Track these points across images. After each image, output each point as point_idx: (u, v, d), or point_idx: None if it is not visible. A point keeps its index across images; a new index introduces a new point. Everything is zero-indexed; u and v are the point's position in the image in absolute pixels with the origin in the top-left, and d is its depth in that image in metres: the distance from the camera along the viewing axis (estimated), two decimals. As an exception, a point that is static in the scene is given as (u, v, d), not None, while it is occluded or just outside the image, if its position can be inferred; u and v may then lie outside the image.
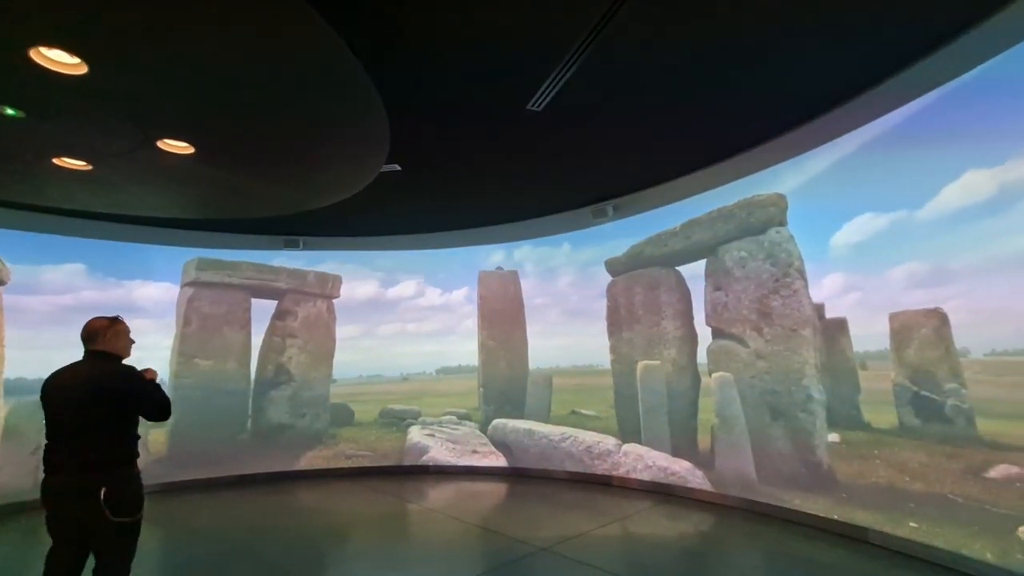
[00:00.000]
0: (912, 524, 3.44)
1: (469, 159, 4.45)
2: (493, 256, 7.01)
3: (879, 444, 3.76)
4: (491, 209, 5.95)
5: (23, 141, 3.08)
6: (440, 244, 6.96)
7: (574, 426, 6.14)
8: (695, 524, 4.42)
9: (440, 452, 6.48)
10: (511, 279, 6.88)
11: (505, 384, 6.66)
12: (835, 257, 4.14)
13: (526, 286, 6.85)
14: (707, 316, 5.07)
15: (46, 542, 2.17)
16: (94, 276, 6.07)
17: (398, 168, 4.44)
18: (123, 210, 4.97)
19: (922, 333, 3.50)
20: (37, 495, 2.18)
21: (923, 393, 3.48)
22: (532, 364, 6.65)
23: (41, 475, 2.16)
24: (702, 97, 3.55)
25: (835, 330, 4.15)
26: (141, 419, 2.30)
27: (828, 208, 4.23)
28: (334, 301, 7.01)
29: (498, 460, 6.35)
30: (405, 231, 6.61)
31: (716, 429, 4.90)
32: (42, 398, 2.22)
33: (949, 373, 3.34)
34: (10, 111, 2.67)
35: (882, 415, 3.74)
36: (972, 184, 3.18)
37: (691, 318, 5.34)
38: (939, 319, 3.40)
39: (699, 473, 5.03)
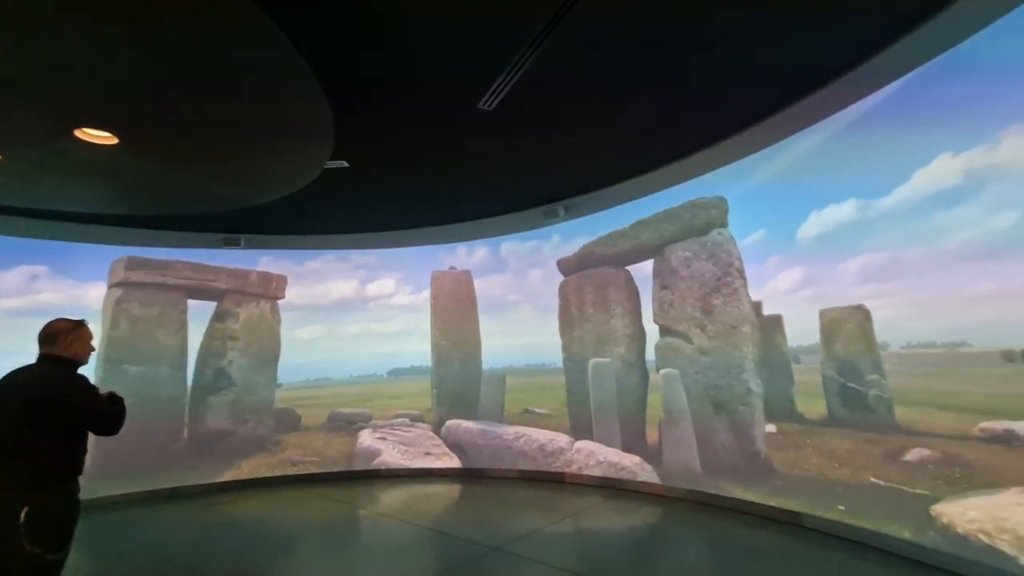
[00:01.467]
0: (840, 507, 3.67)
1: (419, 157, 4.38)
2: (452, 254, 6.94)
3: (811, 433, 3.99)
4: (442, 208, 5.88)
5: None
6: (390, 243, 6.82)
7: (527, 425, 6.18)
8: (643, 516, 4.54)
9: (392, 455, 6.35)
10: (464, 279, 6.83)
11: (458, 384, 6.61)
12: (801, 250, 4.12)
13: (486, 284, 6.82)
14: (654, 314, 5.23)
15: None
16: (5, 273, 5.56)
17: (345, 165, 4.31)
18: (39, 204, 4.57)
19: (848, 328, 3.74)
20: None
21: (849, 384, 3.72)
22: (485, 364, 6.63)
23: None
24: (651, 101, 3.64)
25: (771, 327, 4.37)
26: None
27: (795, 199, 4.20)
28: (279, 302, 6.72)
29: (452, 461, 6.29)
30: (354, 230, 6.44)
31: (663, 423, 5.06)
32: None
33: (871, 365, 3.60)
34: None
35: (813, 406, 3.98)
36: (928, 178, 3.22)
37: (639, 316, 5.49)
38: (863, 315, 3.64)
39: (648, 467, 5.17)
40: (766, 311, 4.42)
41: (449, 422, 6.49)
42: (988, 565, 2.81)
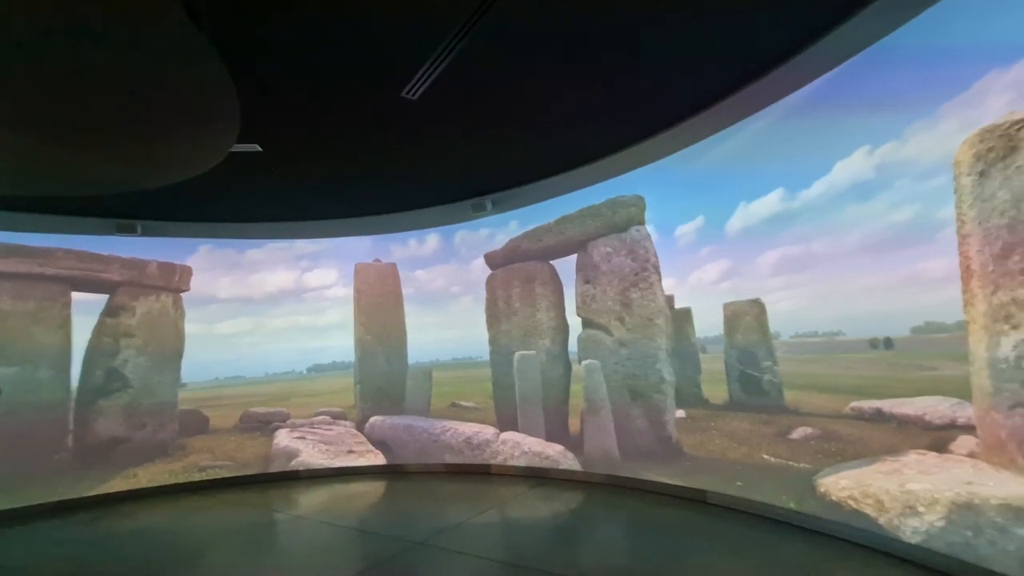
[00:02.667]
0: (739, 483, 4.02)
1: (339, 144, 4.22)
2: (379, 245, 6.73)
3: (715, 417, 4.34)
4: (366, 199, 5.70)
5: None
6: (312, 233, 6.52)
7: (454, 418, 6.17)
8: (565, 502, 4.71)
9: (312, 455, 6.10)
10: (389, 272, 6.68)
11: (383, 380, 6.47)
12: (728, 242, 4.23)
13: (431, 275, 6.68)
14: (577, 307, 5.41)
15: None
16: None
17: (257, 149, 4.06)
18: None
19: (746, 320, 4.10)
20: None
21: (747, 371, 4.08)
22: (412, 358, 6.53)
23: None
24: (574, 99, 3.73)
25: (682, 319, 4.68)
26: None
27: (732, 188, 4.22)
28: (182, 295, 6.20)
29: (376, 459, 6.15)
30: (271, 218, 6.07)
31: (585, 412, 5.27)
32: None
33: (765, 353, 3.97)
34: None
35: (717, 392, 4.32)
36: (847, 171, 3.32)
37: (563, 309, 5.66)
38: (759, 307, 4.00)
39: (570, 455, 5.36)
40: (682, 303, 4.70)
41: (373, 419, 6.34)
42: (855, 527, 3.21)
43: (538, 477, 5.43)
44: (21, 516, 4.98)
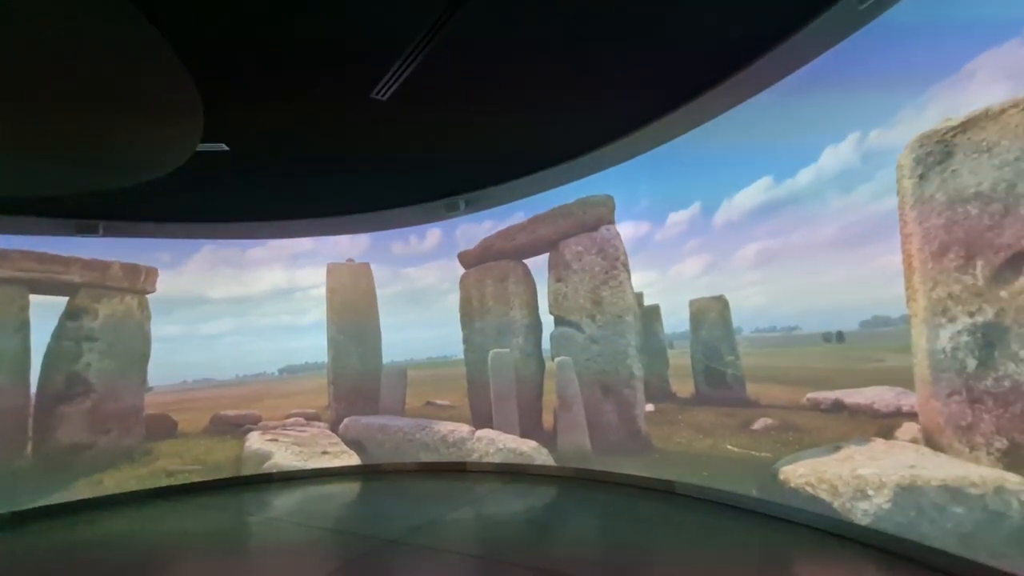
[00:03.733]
0: (704, 473, 4.17)
1: (309, 144, 4.19)
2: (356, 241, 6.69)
3: (682, 410, 4.48)
4: (338, 198, 5.67)
5: None
6: (283, 233, 6.45)
7: (429, 417, 6.20)
8: (539, 497, 4.79)
9: (285, 457, 6.03)
10: (363, 271, 6.65)
11: (357, 380, 6.44)
12: (714, 234, 4.14)
13: (420, 272, 6.66)
14: (550, 305, 5.50)
15: None
16: None
17: (224, 148, 4.00)
18: None
19: (711, 316, 4.25)
20: None
21: (712, 365, 4.23)
22: (387, 358, 6.52)
23: None
24: (548, 97, 3.78)
25: (651, 316, 4.81)
26: None
27: (726, 175, 4.08)
28: (148, 296, 6.05)
29: (351, 459, 6.12)
30: (239, 218, 5.97)
31: (558, 409, 5.36)
32: None
33: (729, 348, 4.12)
34: None
35: (684, 385, 4.47)
36: (835, 158, 3.21)
37: (536, 307, 5.74)
38: (723, 304, 4.15)
39: (544, 451, 5.45)
40: (668, 299, 4.75)
41: (347, 419, 6.31)
42: (812, 511, 3.38)
43: (513, 473, 5.50)
44: (-23, 527, 4.81)
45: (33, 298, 5.46)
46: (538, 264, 5.71)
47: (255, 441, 6.12)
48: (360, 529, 4.13)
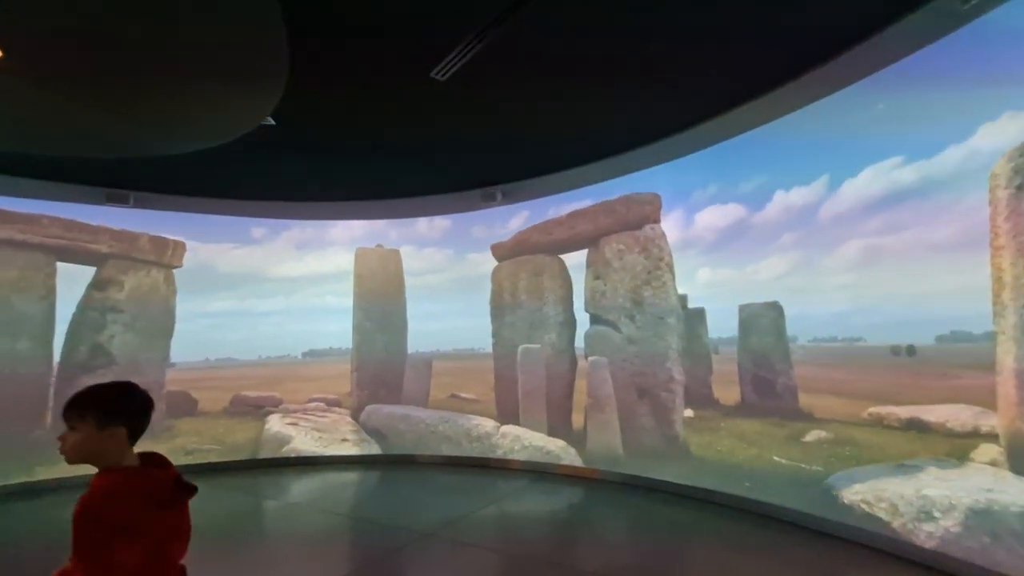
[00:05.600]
0: (747, 484, 4.05)
1: (358, 121, 4.05)
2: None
3: (724, 418, 4.36)
4: (377, 182, 5.54)
5: None
6: (311, 215, 6.32)
7: (453, 410, 6.08)
8: (570, 498, 4.67)
9: (304, 442, 5.93)
10: (392, 257, 6.53)
11: (381, 368, 6.33)
12: (816, 227, 3.75)
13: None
14: (586, 303, 5.38)
15: None
16: None
17: (272, 122, 3.87)
18: None
19: (762, 323, 4.12)
20: None
21: (760, 374, 4.10)
22: (412, 348, 6.41)
23: None
24: (603, 92, 3.67)
25: (695, 319, 4.69)
26: None
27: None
28: (174, 271, 5.94)
29: (371, 448, 6.02)
30: (271, 196, 5.85)
31: (589, 408, 5.24)
32: None
33: (781, 357, 3.99)
34: None
35: (728, 392, 4.34)
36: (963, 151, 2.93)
37: (571, 304, 5.61)
38: (777, 311, 4.02)
39: (572, 450, 5.33)
40: (715, 301, 4.58)
41: (369, 407, 6.20)
42: (867, 530, 3.25)
43: (539, 472, 5.39)
44: (-5, 495, 4.71)
45: (60, 265, 5.35)
46: (571, 260, 5.58)
47: (275, 424, 6.01)
48: (389, 520, 4.02)
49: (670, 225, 4.95)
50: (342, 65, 3.21)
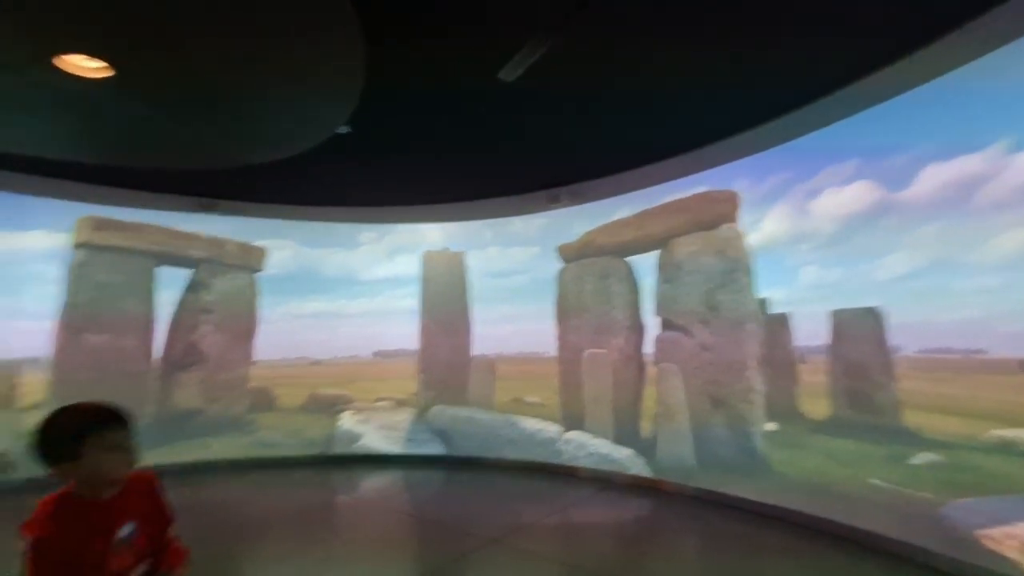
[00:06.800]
0: (839, 507, 3.69)
1: (426, 125, 4.09)
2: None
3: (812, 434, 4.00)
4: (442, 185, 5.61)
5: None
6: (380, 219, 6.51)
7: (517, 414, 6.04)
8: (638, 510, 4.49)
9: (374, 439, 6.11)
10: (457, 261, 6.60)
11: (446, 370, 6.41)
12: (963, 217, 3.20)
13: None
14: (656, 307, 5.15)
15: None
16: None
17: (348, 130, 4.00)
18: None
19: (858, 330, 3.74)
20: None
21: (856, 386, 3.73)
22: (476, 350, 6.44)
23: None
24: (672, 92, 3.50)
25: (777, 325, 4.35)
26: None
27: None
28: (257, 275, 6.33)
29: (436, 448, 6.10)
30: (341, 202, 6.07)
31: (659, 417, 5.01)
32: None
33: (881, 368, 3.61)
34: None
35: (817, 406, 3.99)
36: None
37: (639, 308, 5.41)
38: (875, 318, 3.64)
39: (640, 460, 5.13)
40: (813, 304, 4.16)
41: (435, 407, 6.30)
42: (990, 569, 2.85)
43: (604, 480, 5.22)
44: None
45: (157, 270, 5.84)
46: (637, 262, 5.37)
47: (346, 421, 6.25)
48: (456, 523, 4.02)
49: (776, 216, 4.47)
50: (409, 68, 3.24)
